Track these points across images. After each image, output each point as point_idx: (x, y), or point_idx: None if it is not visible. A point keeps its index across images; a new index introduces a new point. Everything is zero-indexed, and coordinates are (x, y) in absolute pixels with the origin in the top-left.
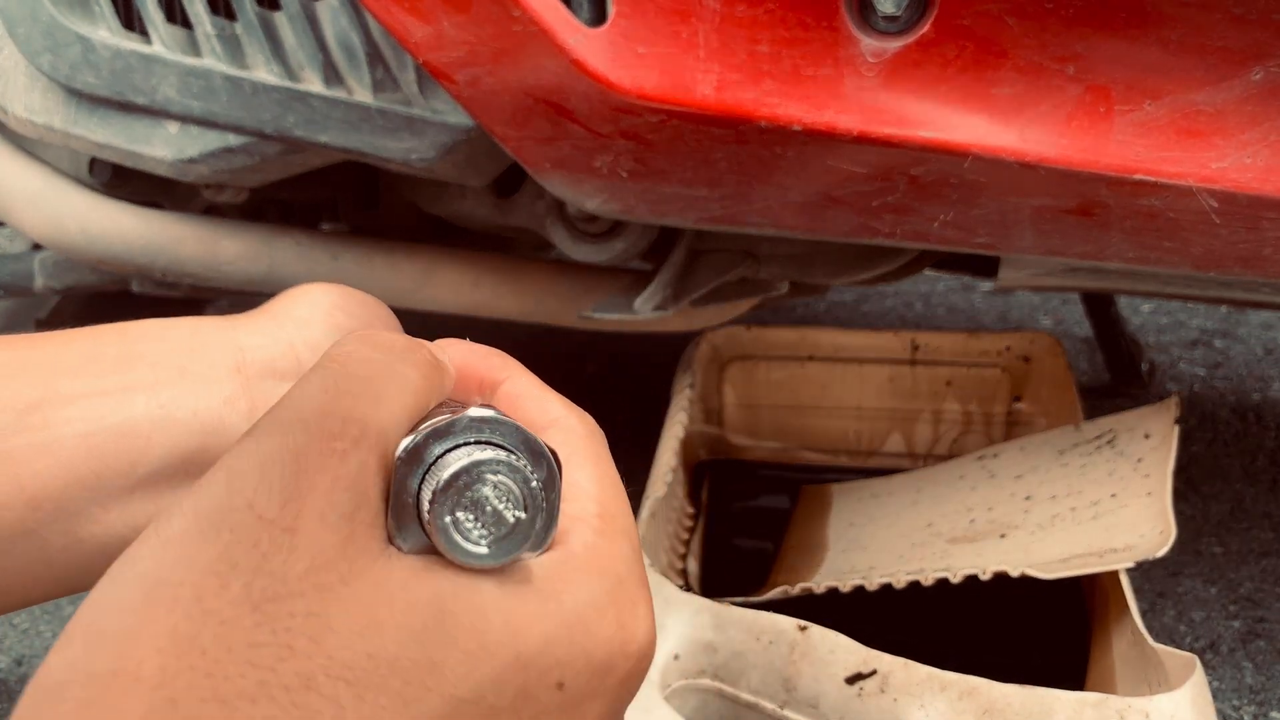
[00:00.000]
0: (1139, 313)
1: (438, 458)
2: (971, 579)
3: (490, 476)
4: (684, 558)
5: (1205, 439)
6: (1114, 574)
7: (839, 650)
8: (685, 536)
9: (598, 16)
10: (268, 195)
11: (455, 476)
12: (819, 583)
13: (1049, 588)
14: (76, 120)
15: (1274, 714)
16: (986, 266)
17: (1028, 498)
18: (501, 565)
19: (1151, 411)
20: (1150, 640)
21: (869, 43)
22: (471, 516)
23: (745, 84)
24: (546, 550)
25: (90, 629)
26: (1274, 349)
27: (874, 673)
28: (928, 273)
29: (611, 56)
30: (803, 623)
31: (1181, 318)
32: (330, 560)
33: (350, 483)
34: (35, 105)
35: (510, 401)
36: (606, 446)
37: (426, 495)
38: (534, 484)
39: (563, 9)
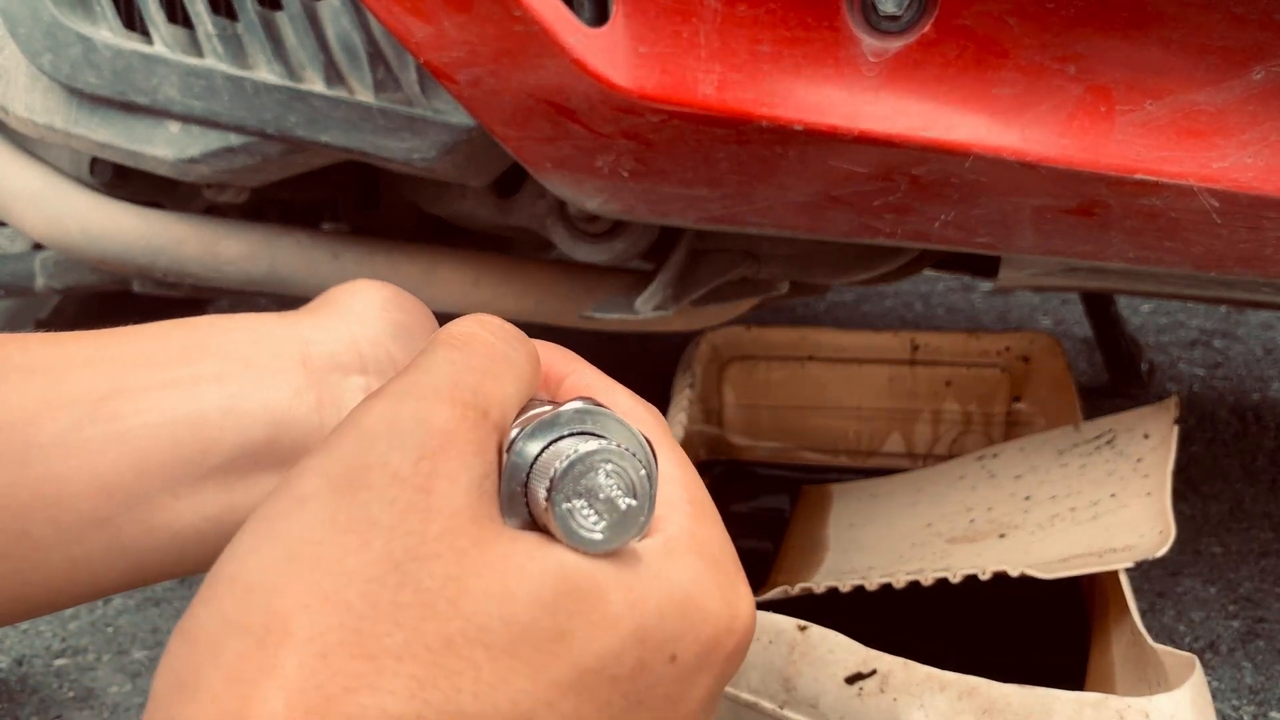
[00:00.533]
0: (1139, 313)
1: (544, 448)
2: (971, 579)
3: (604, 465)
4: None
5: (1205, 439)
6: (1113, 574)
7: (838, 650)
8: None
9: (599, 16)
10: (269, 195)
11: (572, 465)
12: (819, 583)
13: (1048, 588)
14: (78, 120)
15: (1274, 714)
16: (986, 266)
17: (1027, 498)
18: (614, 550)
19: (1151, 412)
20: (1150, 640)
21: (870, 42)
22: (585, 504)
23: (747, 84)
24: (646, 536)
25: (237, 583)
26: (1273, 349)
27: (874, 672)
28: (928, 273)
29: (613, 56)
30: (802, 622)
31: (1181, 318)
32: (462, 525)
33: (479, 450)
34: (36, 105)
35: (577, 393)
36: (674, 437)
37: (540, 485)
38: (642, 472)
39: (564, 9)
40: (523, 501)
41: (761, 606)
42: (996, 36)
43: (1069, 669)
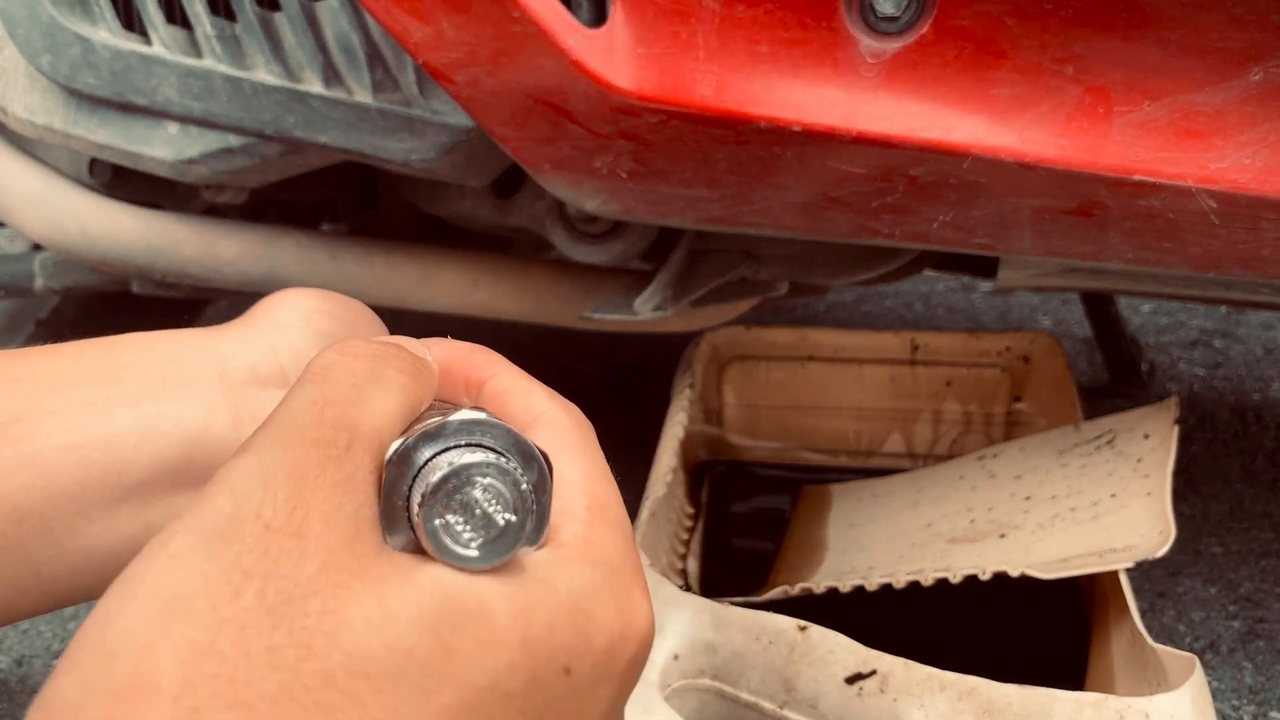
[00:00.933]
0: (1139, 313)
1: (428, 460)
2: (971, 579)
3: (480, 479)
4: (684, 558)
5: (1205, 439)
6: (1114, 574)
7: (839, 650)
8: (685, 536)
9: (597, 17)
10: (267, 196)
11: (445, 480)
12: (819, 583)
13: (1048, 588)
14: (76, 121)
15: (1274, 714)
16: (986, 267)
17: (1027, 498)
18: (494, 566)
19: (1151, 412)
20: (1150, 640)
21: (868, 43)
22: (461, 519)
23: (745, 84)
24: (540, 548)
25: (101, 646)
26: (1273, 349)
27: (874, 673)
28: (927, 273)
29: (611, 57)
30: (802, 623)
31: (1181, 318)
32: (340, 560)
33: (350, 485)
34: (35, 106)
35: (496, 397)
36: (594, 437)
37: (416, 498)
38: (524, 486)
39: (562, 10)
40: (405, 517)
41: (761, 607)
42: (995, 37)
43: (1069, 669)
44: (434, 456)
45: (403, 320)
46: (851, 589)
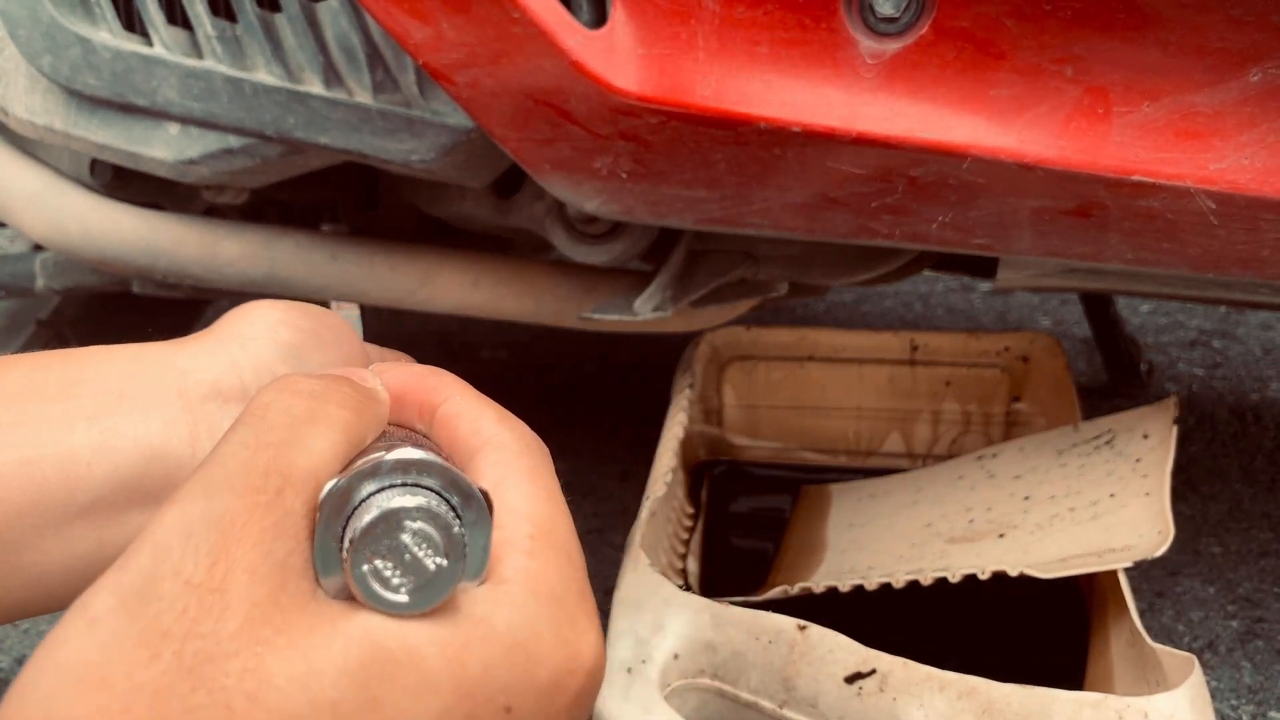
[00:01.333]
0: (1138, 313)
1: (362, 501)
2: (970, 579)
3: (409, 524)
4: (684, 558)
5: (1204, 439)
6: (1112, 574)
7: (838, 650)
8: (685, 536)
9: (597, 18)
10: (268, 196)
11: (373, 524)
12: (818, 582)
13: (1048, 587)
14: (77, 122)
15: (1272, 714)
16: (985, 267)
17: (1026, 498)
18: (426, 612)
19: (1150, 412)
20: (1149, 640)
21: (868, 44)
22: (390, 564)
23: (745, 85)
24: (482, 582)
25: (22, 715)
26: (1272, 349)
27: (873, 672)
28: (927, 273)
29: (611, 58)
30: (802, 622)
31: (1180, 318)
32: (265, 614)
33: (278, 532)
34: (36, 107)
35: (447, 423)
36: (546, 459)
37: (347, 542)
38: (456, 530)
39: (562, 10)
40: (338, 559)
41: (761, 606)
42: (994, 38)
43: (1068, 669)
44: (369, 497)
45: (403, 320)
46: (851, 588)
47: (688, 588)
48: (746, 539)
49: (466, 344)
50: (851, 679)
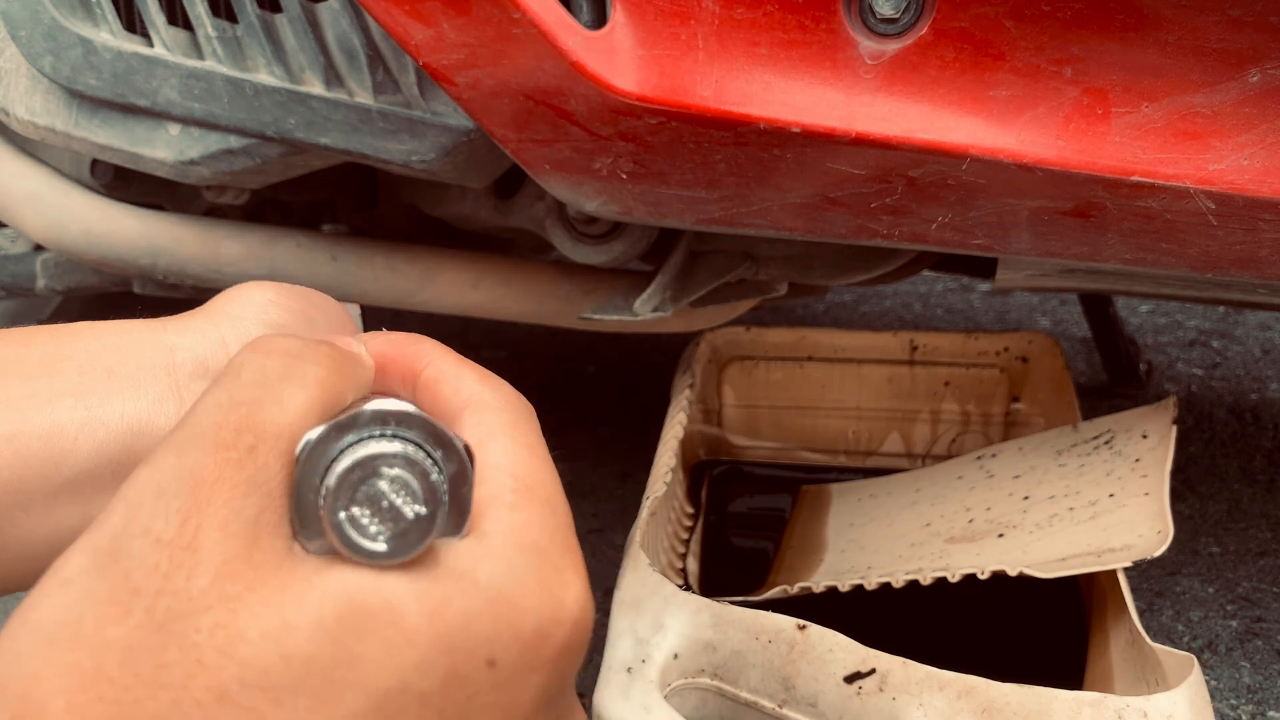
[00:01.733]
0: (1137, 313)
1: (341, 452)
2: (970, 578)
3: (386, 470)
4: (684, 558)
5: (1203, 439)
6: (1112, 573)
7: (838, 649)
8: (685, 536)
9: (598, 19)
10: (268, 197)
11: (349, 471)
12: (818, 582)
13: (1047, 587)
14: (78, 122)
15: (1272, 713)
16: (984, 267)
17: (1026, 498)
18: (407, 561)
19: (1149, 412)
20: (1148, 640)
21: (867, 45)
22: (368, 512)
23: (745, 86)
24: (464, 537)
25: None
26: (1271, 349)
27: (873, 671)
28: (926, 273)
29: (611, 59)
30: (802, 622)
31: (1179, 318)
32: (236, 569)
33: (250, 488)
34: (37, 107)
35: (429, 387)
36: (529, 415)
37: (325, 493)
38: (434, 477)
39: (563, 11)
40: (317, 514)
41: (761, 606)
42: (993, 39)
43: (1067, 668)
44: (348, 448)
45: (403, 320)
46: (850, 588)
47: (688, 588)
48: (746, 539)
49: (466, 344)
50: (851, 678)
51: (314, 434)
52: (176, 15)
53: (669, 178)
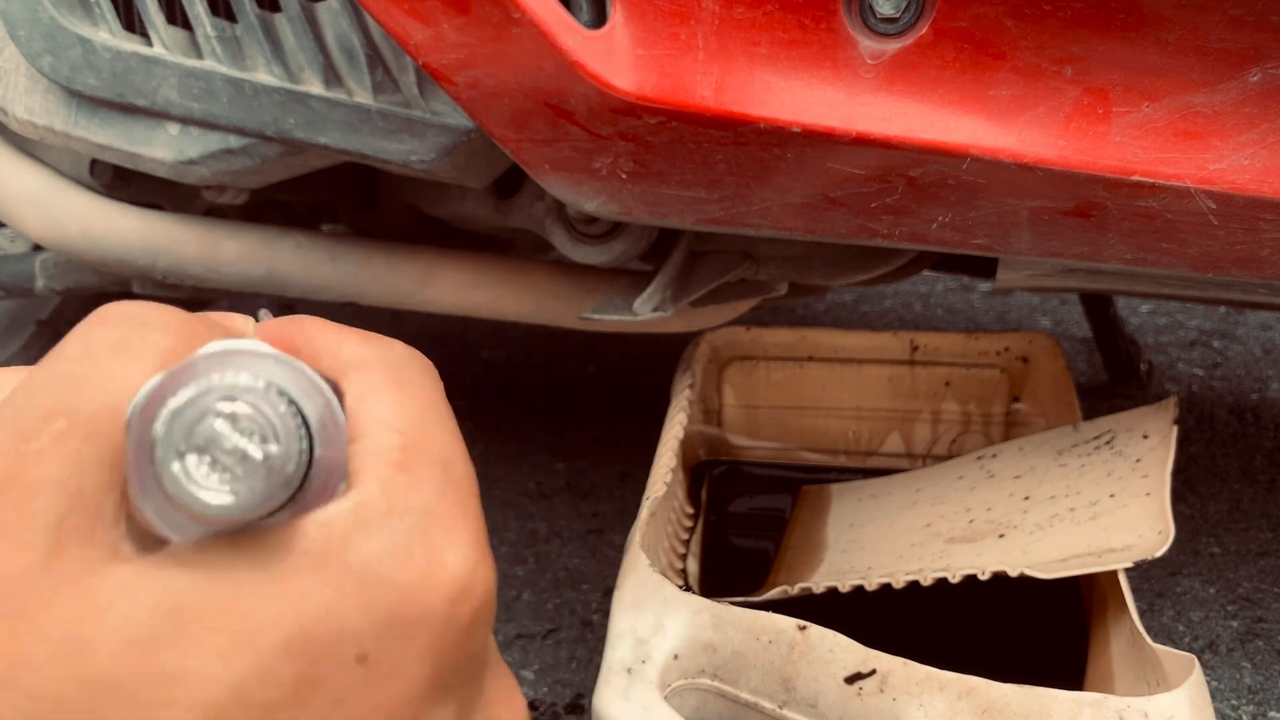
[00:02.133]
0: (1137, 313)
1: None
2: (970, 579)
3: (225, 406)
4: (684, 558)
5: (1203, 439)
6: (1112, 574)
7: (838, 650)
8: (685, 536)
9: (597, 18)
10: (268, 197)
11: (180, 411)
12: (819, 583)
13: (1047, 587)
14: (77, 122)
15: (1272, 714)
16: (985, 267)
17: (1026, 498)
18: (260, 516)
19: (1150, 412)
20: (1149, 640)
21: (868, 44)
22: (209, 459)
23: (745, 86)
24: (335, 502)
25: None
26: (1272, 349)
27: (873, 672)
28: (927, 273)
29: (611, 58)
30: (802, 622)
31: (1180, 318)
32: (30, 584)
33: (55, 484)
34: (36, 107)
35: (311, 362)
36: (423, 371)
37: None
38: (282, 408)
39: (563, 11)
40: (154, 480)
41: (761, 606)
42: (994, 38)
43: (1068, 669)
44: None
45: (403, 320)
46: (851, 589)
47: (688, 588)
48: (746, 539)
49: (466, 344)
50: (851, 679)
51: (148, 387)
52: (176, 15)
53: (669, 177)
